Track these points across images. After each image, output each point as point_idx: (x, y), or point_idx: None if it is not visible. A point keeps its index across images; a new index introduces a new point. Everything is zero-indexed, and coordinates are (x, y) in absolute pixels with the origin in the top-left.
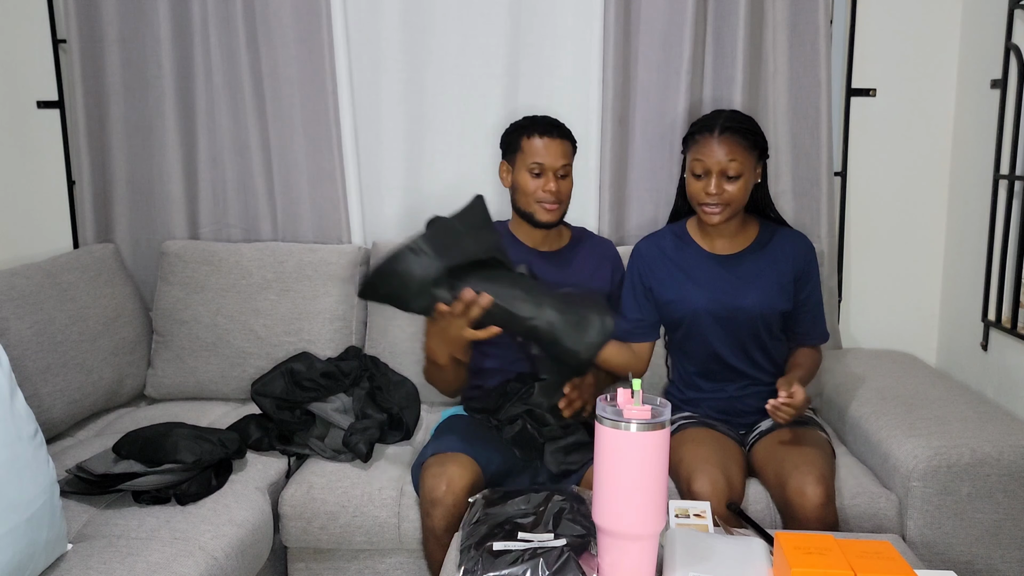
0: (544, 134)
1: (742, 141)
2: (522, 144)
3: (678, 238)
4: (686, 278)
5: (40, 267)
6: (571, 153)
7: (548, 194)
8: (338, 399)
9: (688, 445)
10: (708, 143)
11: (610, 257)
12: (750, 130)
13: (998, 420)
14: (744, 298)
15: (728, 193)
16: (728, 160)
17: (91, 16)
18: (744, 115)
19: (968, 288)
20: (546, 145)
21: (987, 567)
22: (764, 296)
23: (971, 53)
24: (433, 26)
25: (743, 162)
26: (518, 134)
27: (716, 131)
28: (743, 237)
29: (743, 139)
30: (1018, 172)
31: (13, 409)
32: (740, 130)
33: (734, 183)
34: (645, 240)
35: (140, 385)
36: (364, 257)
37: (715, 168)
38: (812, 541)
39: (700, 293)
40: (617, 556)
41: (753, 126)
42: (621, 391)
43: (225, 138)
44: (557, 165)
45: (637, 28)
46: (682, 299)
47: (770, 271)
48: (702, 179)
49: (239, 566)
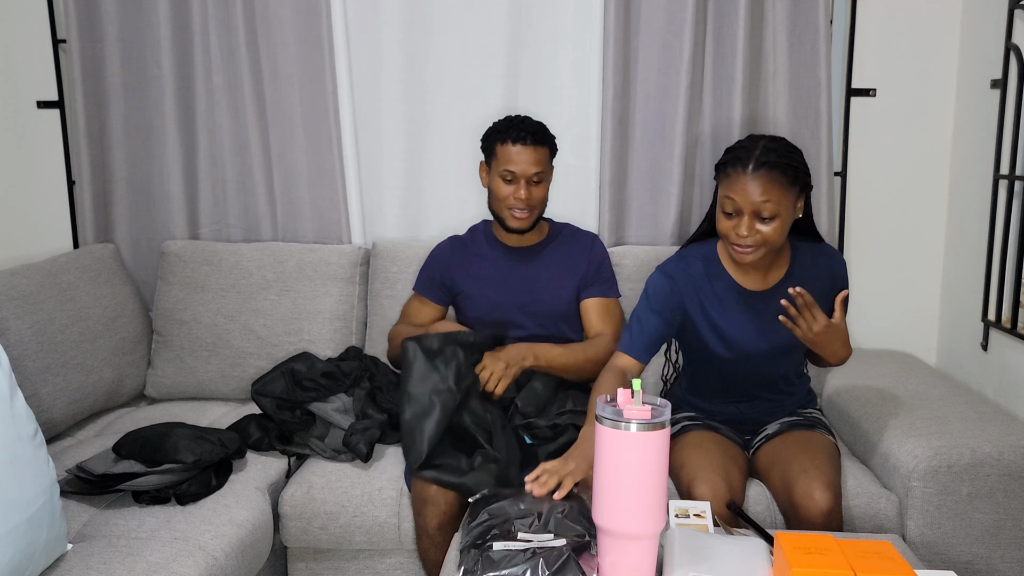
0: (517, 141)
1: (780, 178)
2: (496, 150)
3: (708, 264)
4: (717, 316)
5: (40, 267)
6: (546, 159)
7: (518, 201)
8: (338, 399)
9: (690, 449)
10: (740, 180)
11: (585, 249)
12: (789, 164)
13: (998, 420)
14: (778, 338)
15: (761, 235)
16: (762, 201)
17: (91, 16)
18: (784, 143)
19: (968, 288)
20: (519, 152)
21: (987, 567)
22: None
23: (971, 53)
24: (433, 26)
25: (779, 201)
26: (493, 139)
27: (750, 167)
28: (776, 269)
29: (781, 175)
30: (1018, 172)
31: (13, 409)
32: (778, 165)
33: (769, 224)
34: (671, 263)
35: (140, 385)
36: (364, 257)
37: (747, 209)
38: (812, 541)
39: (733, 336)
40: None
41: (794, 159)
42: (621, 391)
43: (225, 138)
44: (529, 173)
45: (637, 28)
46: (711, 337)
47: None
48: (733, 218)
49: (239, 566)
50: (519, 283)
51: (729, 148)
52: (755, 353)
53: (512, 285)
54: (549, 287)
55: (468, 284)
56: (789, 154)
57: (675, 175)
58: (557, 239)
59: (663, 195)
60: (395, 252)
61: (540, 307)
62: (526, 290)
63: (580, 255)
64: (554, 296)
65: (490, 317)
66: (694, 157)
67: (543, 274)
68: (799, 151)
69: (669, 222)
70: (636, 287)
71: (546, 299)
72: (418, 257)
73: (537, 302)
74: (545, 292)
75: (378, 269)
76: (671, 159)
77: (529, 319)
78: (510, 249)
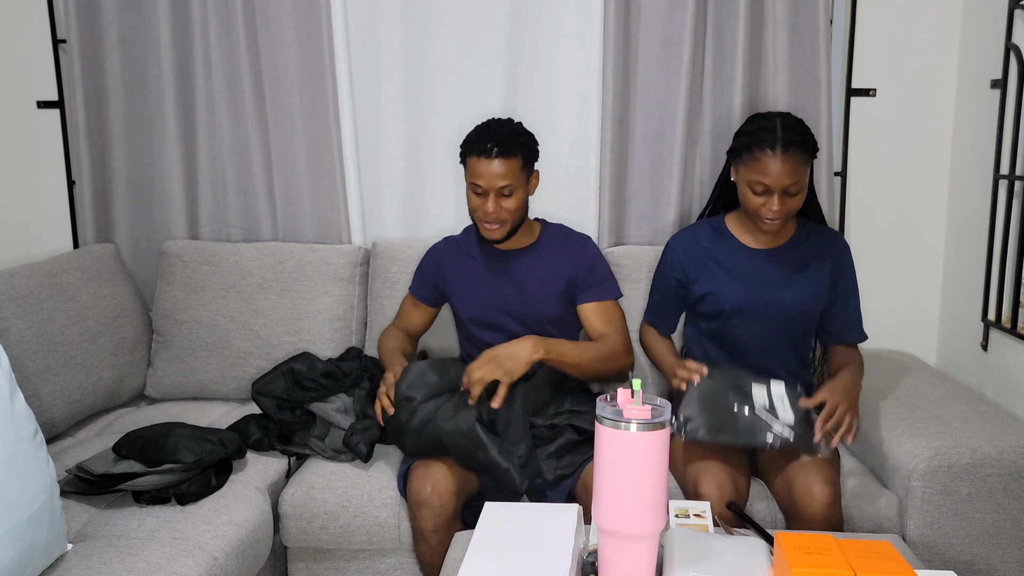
0: (482, 154)
1: (803, 155)
2: (466, 162)
3: (715, 231)
4: (723, 271)
5: (40, 267)
6: (516, 169)
7: (486, 214)
8: (339, 399)
9: (695, 448)
10: (771, 162)
11: (575, 251)
12: (810, 140)
13: (998, 420)
14: (781, 293)
15: (788, 207)
16: (792, 179)
17: (91, 16)
18: (797, 120)
19: (968, 288)
20: (484, 166)
21: (987, 567)
22: (801, 292)
23: (971, 53)
24: (433, 26)
25: (804, 175)
26: (465, 150)
27: (778, 148)
28: (783, 233)
29: (804, 152)
30: (1018, 172)
31: (13, 409)
32: (801, 143)
33: (795, 197)
34: (680, 234)
35: (140, 385)
36: (364, 257)
37: (777, 188)
38: (812, 541)
39: (737, 286)
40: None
41: (809, 133)
42: (621, 391)
43: (225, 138)
44: (496, 186)
45: (637, 28)
46: (718, 292)
47: (807, 267)
48: (762, 196)
49: (239, 566)
50: (507, 285)
51: (746, 129)
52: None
53: (499, 287)
54: (536, 289)
55: (458, 285)
56: (805, 130)
57: (675, 175)
58: (547, 242)
59: (663, 195)
60: (395, 252)
61: (527, 309)
62: (513, 292)
63: (569, 257)
64: (541, 298)
65: (480, 319)
66: (694, 157)
67: (531, 276)
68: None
69: (669, 222)
70: (636, 287)
71: (533, 301)
72: (418, 257)
73: (524, 304)
74: (532, 295)
75: (378, 269)
76: (671, 159)
77: (515, 321)
78: (499, 251)
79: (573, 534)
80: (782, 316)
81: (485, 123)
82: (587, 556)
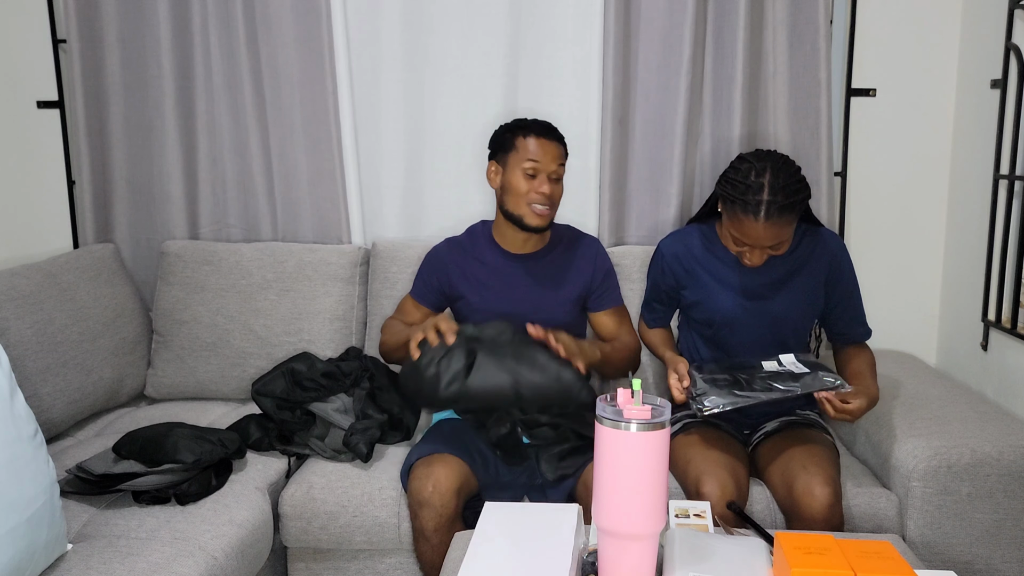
0: (541, 135)
1: (789, 217)
2: (517, 143)
3: (705, 239)
4: (714, 281)
5: (40, 267)
6: (564, 158)
7: (541, 196)
8: (339, 399)
9: (696, 447)
10: (752, 227)
11: (591, 255)
12: (797, 203)
13: (998, 420)
14: (773, 303)
15: (770, 255)
16: (775, 242)
17: (91, 16)
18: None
19: (968, 288)
20: (542, 146)
21: (987, 567)
22: (793, 301)
23: (971, 53)
24: (433, 26)
25: (789, 233)
26: (513, 133)
27: (761, 215)
28: None
29: (790, 214)
30: (1018, 172)
31: (13, 409)
32: (786, 207)
33: (779, 249)
34: (670, 239)
35: (140, 385)
36: (364, 257)
37: (758, 246)
38: (812, 541)
39: (728, 297)
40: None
41: (799, 194)
42: (621, 391)
43: (225, 138)
44: (552, 167)
45: (637, 28)
46: (709, 302)
47: (800, 272)
48: (744, 247)
49: (239, 566)
50: (522, 291)
51: (731, 181)
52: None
53: (515, 293)
54: (552, 296)
55: (468, 289)
56: (794, 191)
57: (675, 175)
58: (559, 246)
59: (663, 195)
60: (395, 252)
61: (542, 315)
62: (528, 299)
63: (585, 265)
64: (556, 305)
65: None
66: (694, 157)
67: (546, 282)
68: (801, 176)
69: (669, 222)
70: (636, 287)
71: (548, 308)
72: (418, 257)
73: (539, 311)
74: (547, 301)
75: (378, 269)
76: (671, 159)
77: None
78: (512, 255)
79: (573, 534)
80: (774, 324)
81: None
82: (587, 556)
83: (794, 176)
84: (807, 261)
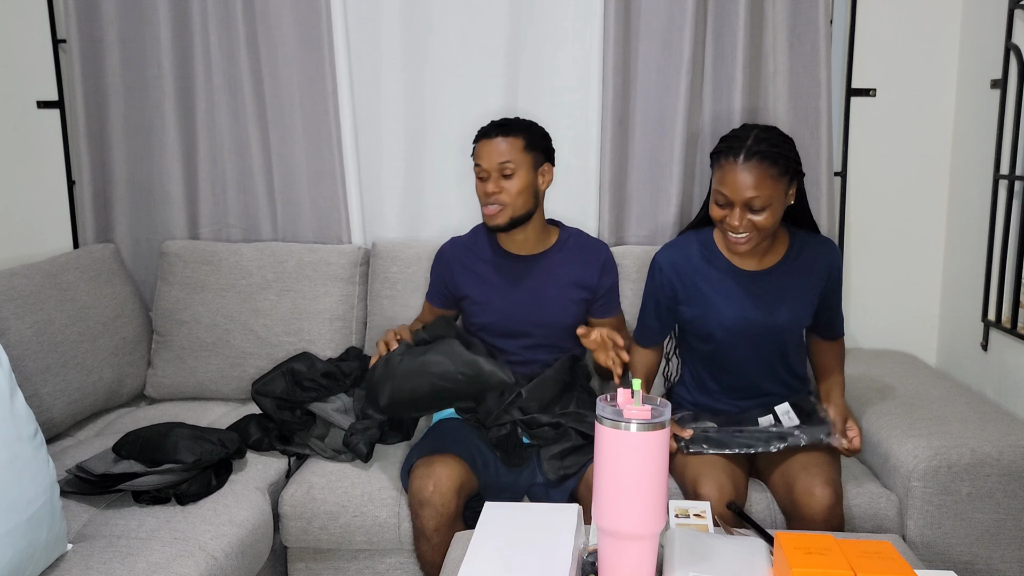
0: (483, 136)
1: (770, 168)
2: (473, 150)
3: (704, 248)
4: (714, 293)
5: (40, 267)
6: (518, 148)
7: (486, 196)
8: (339, 399)
9: None
10: (732, 171)
11: (599, 260)
12: (780, 154)
13: (998, 420)
14: (774, 315)
15: (753, 223)
16: (752, 195)
17: (91, 16)
18: (776, 133)
19: (968, 288)
20: (483, 147)
21: (987, 567)
22: (794, 313)
23: (971, 53)
24: (433, 26)
25: (771, 192)
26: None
27: (741, 156)
28: (773, 253)
29: (772, 165)
30: (1018, 172)
31: (13, 409)
32: (768, 155)
33: (760, 214)
34: (667, 250)
35: (140, 385)
36: (364, 257)
37: (738, 201)
38: (812, 541)
39: (728, 311)
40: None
41: (784, 148)
42: (621, 391)
43: (225, 138)
44: (495, 164)
45: (637, 28)
46: (708, 316)
47: (800, 286)
48: (724, 208)
49: (239, 566)
50: (527, 294)
51: (723, 136)
52: (753, 327)
53: (520, 296)
54: (557, 299)
55: (473, 289)
56: (780, 144)
57: (675, 175)
58: (565, 248)
59: (663, 194)
60: (395, 252)
61: (546, 318)
62: (533, 301)
63: (591, 271)
64: (561, 309)
65: (497, 326)
66: (694, 157)
67: (551, 285)
68: (791, 140)
69: (669, 221)
70: (636, 287)
71: (553, 311)
72: (418, 257)
73: (544, 314)
74: (553, 304)
75: (378, 269)
76: (671, 159)
77: (536, 329)
78: (516, 257)
79: (573, 534)
80: (775, 336)
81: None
82: (587, 556)
83: (783, 137)
84: (808, 272)
